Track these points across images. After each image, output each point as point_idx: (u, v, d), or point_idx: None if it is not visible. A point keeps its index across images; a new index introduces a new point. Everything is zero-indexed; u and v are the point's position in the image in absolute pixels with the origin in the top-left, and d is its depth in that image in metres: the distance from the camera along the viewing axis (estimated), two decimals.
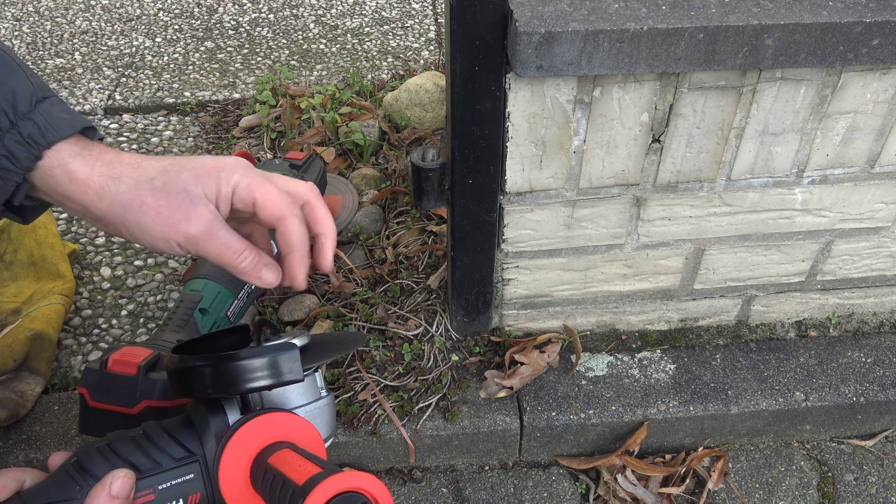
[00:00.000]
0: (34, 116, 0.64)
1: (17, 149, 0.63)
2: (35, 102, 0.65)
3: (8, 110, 0.63)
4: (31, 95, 0.65)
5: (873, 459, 1.25)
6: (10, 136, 0.63)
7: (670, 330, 1.27)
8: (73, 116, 0.66)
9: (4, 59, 0.64)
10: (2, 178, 0.63)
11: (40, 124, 0.64)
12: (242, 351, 0.59)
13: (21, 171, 0.64)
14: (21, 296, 1.25)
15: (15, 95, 0.64)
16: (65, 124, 0.65)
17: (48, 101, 0.66)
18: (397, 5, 2.34)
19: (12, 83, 0.64)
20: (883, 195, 1.09)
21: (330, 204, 1.40)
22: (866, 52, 0.86)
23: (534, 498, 1.18)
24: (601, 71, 0.85)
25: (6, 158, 0.63)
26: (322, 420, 0.63)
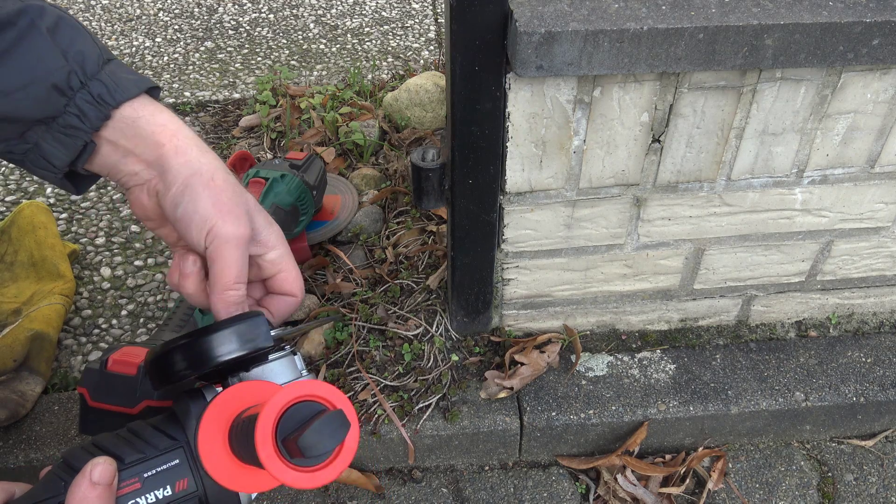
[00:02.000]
0: (102, 77, 0.66)
1: (88, 108, 0.66)
2: (102, 64, 0.67)
3: (78, 71, 0.65)
4: (99, 57, 0.67)
5: (873, 459, 1.25)
6: (80, 96, 0.65)
7: (670, 330, 1.27)
8: (138, 77, 0.69)
9: (71, 23, 0.66)
10: (70, 136, 0.66)
11: (108, 84, 0.66)
12: (211, 325, 0.60)
13: (89, 130, 0.66)
14: (21, 296, 1.25)
15: (84, 56, 0.66)
16: (131, 84, 0.68)
17: (113, 63, 0.68)
18: (397, 5, 2.34)
19: (80, 45, 0.66)
20: (883, 195, 1.09)
21: (330, 204, 1.40)
22: (866, 52, 0.86)
23: (534, 498, 1.18)
24: (601, 71, 0.85)
25: (76, 117, 0.65)
26: None
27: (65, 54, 0.65)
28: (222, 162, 0.71)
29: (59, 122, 0.66)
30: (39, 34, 0.64)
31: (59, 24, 0.66)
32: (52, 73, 0.64)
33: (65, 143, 0.67)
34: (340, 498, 1.17)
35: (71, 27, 0.67)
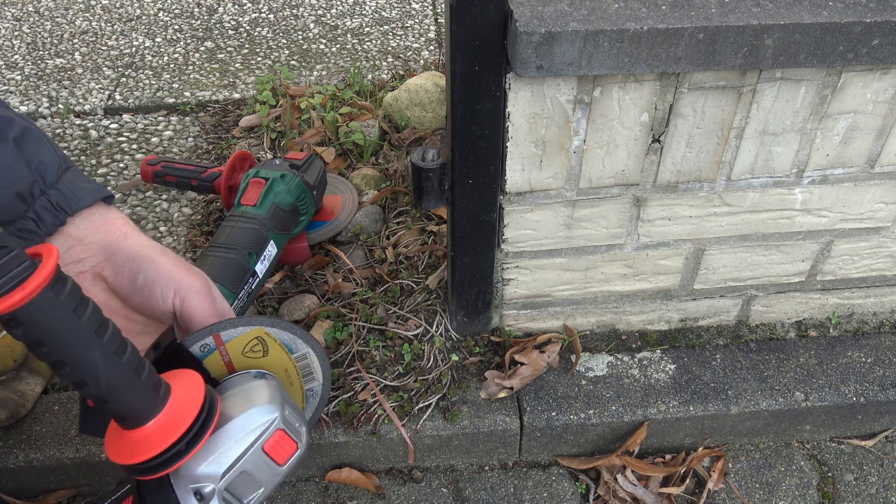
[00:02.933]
0: (60, 186, 0.71)
1: (46, 214, 0.70)
2: (61, 172, 0.72)
3: (39, 180, 0.70)
4: (58, 167, 0.72)
5: (873, 459, 1.25)
6: (40, 203, 0.70)
7: (670, 330, 1.27)
8: (93, 186, 0.74)
9: (36, 133, 0.72)
10: (24, 238, 0.70)
11: (66, 193, 0.71)
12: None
13: (44, 234, 0.71)
14: None
15: (45, 166, 0.71)
16: (86, 193, 0.73)
17: (70, 171, 0.74)
18: (397, 5, 2.34)
19: (42, 155, 0.71)
20: (883, 195, 1.09)
21: (330, 204, 1.40)
22: (866, 52, 0.86)
23: (534, 498, 1.18)
24: (601, 71, 0.85)
25: (34, 222, 0.70)
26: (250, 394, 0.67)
27: (29, 164, 0.69)
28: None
29: (16, 226, 0.70)
30: (6, 144, 0.69)
31: (24, 135, 0.70)
32: (17, 181, 0.68)
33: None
34: (340, 498, 1.17)
35: (35, 138, 0.71)
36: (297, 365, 0.77)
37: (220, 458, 0.63)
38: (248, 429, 0.64)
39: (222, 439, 0.63)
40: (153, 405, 0.60)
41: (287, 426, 0.65)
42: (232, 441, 0.63)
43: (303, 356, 0.76)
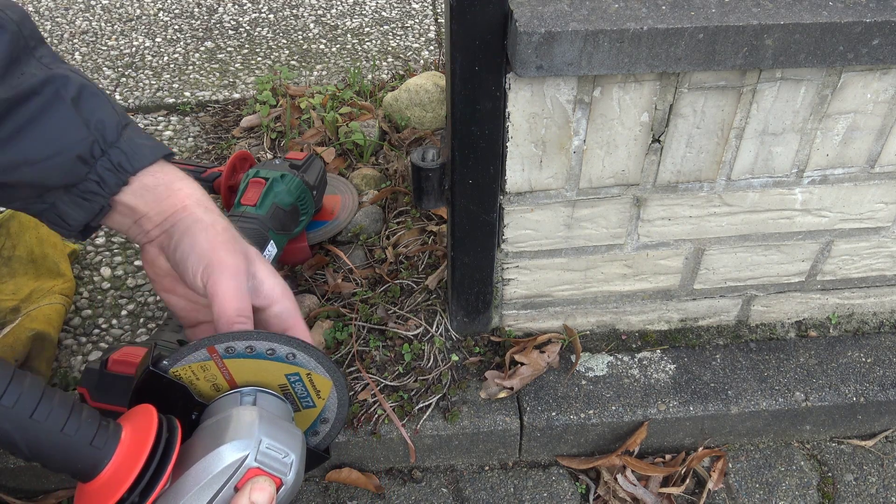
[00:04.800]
0: (121, 144, 0.69)
1: (108, 175, 0.69)
2: (120, 130, 0.70)
3: (99, 140, 0.68)
4: (118, 124, 0.70)
5: (873, 459, 1.25)
6: (101, 164, 0.68)
7: (670, 330, 1.27)
8: (154, 144, 0.72)
9: (93, 90, 0.69)
10: (89, 199, 0.69)
11: (127, 152, 0.69)
12: None
13: (107, 195, 0.70)
14: (20, 293, 1.25)
15: (104, 125, 0.69)
16: (147, 151, 0.71)
17: (130, 128, 0.71)
18: (397, 5, 2.34)
19: (100, 113, 0.69)
20: (883, 195, 1.09)
21: (330, 204, 1.40)
22: (866, 52, 0.86)
23: (534, 498, 1.18)
24: (601, 71, 0.85)
25: (96, 183, 0.68)
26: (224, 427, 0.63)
27: (87, 124, 0.67)
28: (226, 219, 0.74)
29: (79, 188, 0.69)
30: (64, 104, 0.66)
31: (81, 94, 0.68)
32: (76, 143, 0.67)
33: (82, 206, 0.70)
34: (340, 498, 1.17)
35: (92, 95, 0.69)
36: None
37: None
38: (214, 471, 0.58)
39: (188, 484, 0.58)
40: (97, 457, 0.56)
41: (265, 462, 0.60)
42: (198, 486, 0.58)
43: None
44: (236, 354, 0.67)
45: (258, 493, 0.58)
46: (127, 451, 0.57)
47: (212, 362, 0.67)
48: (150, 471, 0.57)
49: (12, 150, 0.64)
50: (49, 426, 0.55)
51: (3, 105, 0.63)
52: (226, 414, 0.64)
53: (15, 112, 0.64)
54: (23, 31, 0.66)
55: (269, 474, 0.60)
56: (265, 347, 0.67)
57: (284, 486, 0.61)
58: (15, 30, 0.65)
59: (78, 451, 0.56)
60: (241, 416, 0.63)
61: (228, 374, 0.68)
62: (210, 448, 0.59)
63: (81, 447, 0.56)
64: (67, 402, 0.57)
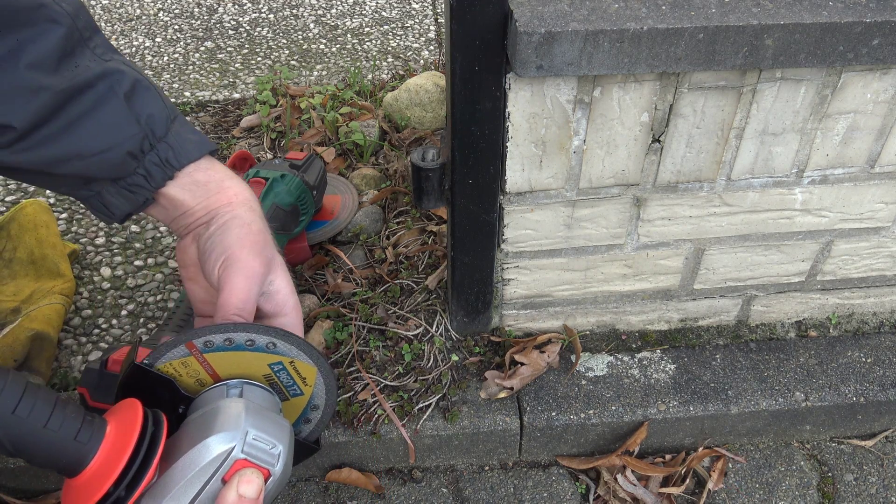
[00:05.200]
0: (169, 139, 0.70)
1: (155, 169, 0.70)
2: (168, 124, 0.71)
3: (149, 134, 0.69)
4: (167, 118, 0.71)
5: (873, 459, 1.25)
6: (149, 158, 0.70)
7: (670, 330, 1.27)
8: (199, 138, 0.73)
9: (145, 84, 0.70)
10: (134, 192, 0.70)
11: (174, 147, 0.70)
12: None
13: (153, 188, 0.71)
14: (20, 294, 1.25)
15: (154, 120, 0.70)
16: (193, 147, 0.72)
17: (177, 122, 0.72)
18: (397, 5, 2.34)
19: (151, 107, 0.70)
20: (883, 195, 1.09)
21: (330, 204, 1.40)
22: (866, 52, 0.86)
23: (534, 498, 1.18)
24: (601, 71, 0.85)
25: (144, 178, 0.70)
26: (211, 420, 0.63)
27: (138, 119, 0.68)
28: (265, 221, 0.75)
29: (126, 181, 0.70)
30: (117, 99, 0.67)
31: (135, 88, 0.69)
32: (128, 140, 0.67)
33: (127, 198, 0.71)
34: (340, 498, 1.17)
35: (145, 89, 0.70)
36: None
37: (179, 497, 0.57)
38: (201, 463, 0.58)
39: (175, 477, 0.58)
40: (82, 452, 0.56)
41: (252, 454, 0.59)
42: (185, 479, 0.57)
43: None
44: (216, 348, 0.67)
45: (246, 485, 0.58)
46: (112, 446, 0.57)
47: (192, 358, 0.67)
48: (135, 464, 0.56)
49: (64, 143, 0.65)
50: (32, 422, 0.55)
51: (58, 97, 0.63)
52: (212, 406, 0.63)
53: (69, 105, 0.65)
54: (77, 24, 0.67)
55: (257, 465, 0.60)
56: (244, 339, 0.67)
57: (272, 477, 0.61)
58: (70, 23, 0.65)
59: (62, 447, 0.56)
60: (227, 408, 0.62)
61: (210, 368, 0.68)
62: (196, 441, 0.59)
63: (65, 442, 0.56)
64: (50, 398, 0.57)
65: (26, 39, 0.62)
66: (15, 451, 0.55)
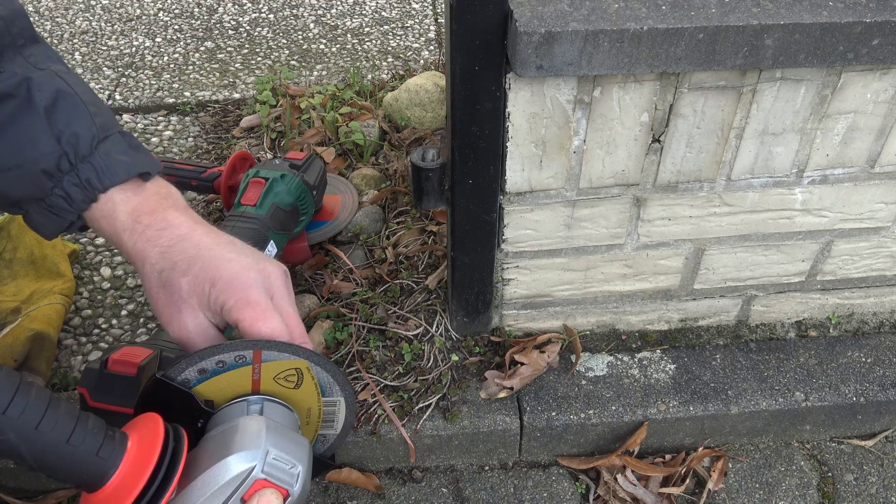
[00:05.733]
0: (93, 159, 0.65)
1: (74, 191, 0.65)
2: (96, 144, 0.66)
3: (70, 153, 0.64)
4: (94, 137, 0.66)
5: (873, 459, 1.25)
6: (68, 179, 0.65)
7: (670, 330, 1.27)
8: (132, 158, 0.68)
9: (73, 100, 0.65)
10: (57, 215, 0.66)
11: (98, 168, 0.66)
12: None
13: (76, 212, 0.67)
14: (20, 294, 1.25)
15: (78, 138, 0.65)
16: (121, 168, 0.67)
17: (109, 141, 0.67)
18: (397, 5, 2.34)
19: (76, 125, 0.65)
20: (883, 195, 1.09)
21: (330, 204, 1.40)
22: (866, 52, 0.86)
23: (534, 498, 1.18)
24: (601, 71, 0.85)
25: (63, 199, 0.65)
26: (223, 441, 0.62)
27: (59, 137, 0.64)
28: (171, 253, 0.68)
29: (47, 202, 0.66)
30: (36, 113, 0.63)
31: (57, 102, 0.64)
32: (43, 157, 0.63)
33: (51, 220, 0.67)
34: (340, 498, 1.17)
35: (70, 104, 0.65)
36: (323, 409, 0.72)
37: None
38: (221, 482, 0.57)
39: (193, 495, 0.57)
40: (103, 468, 0.56)
41: (271, 474, 0.59)
42: (203, 497, 0.57)
43: (332, 403, 0.72)
44: (242, 364, 0.67)
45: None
46: (133, 462, 0.57)
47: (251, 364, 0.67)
48: (156, 481, 0.56)
49: None
50: (55, 437, 0.54)
51: None
52: (232, 423, 0.63)
53: None
54: (10, 28, 0.63)
55: (276, 486, 0.59)
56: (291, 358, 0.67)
57: (291, 497, 0.60)
58: (0, 26, 0.62)
59: (84, 462, 0.55)
60: (247, 426, 0.61)
61: (259, 377, 0.68)
62: (216, 458, 0.58)
63: (87, 458, 0.55)
64: (73, 413, 0.56)
65: None
66: (37, 465, 0.54)
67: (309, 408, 0.71)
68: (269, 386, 0.68)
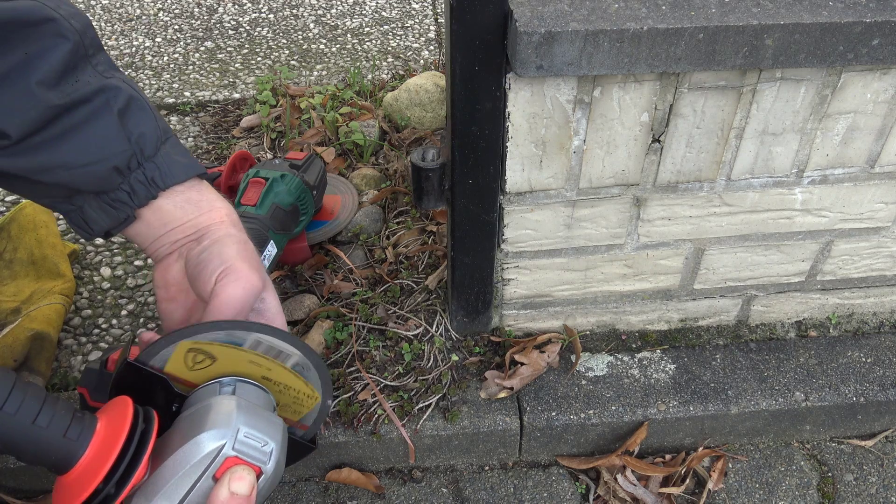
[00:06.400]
0: (157, 159, 0.72)
1: (139, 187, 0.71)
2: (159, 145, 0.72)
3: (138, 153, 0.70)
4: (158, 138, 0.72)
5: (873, 459, 1.25)
6: (135, 176, 0.70)
7: (670, 330, 1.27)
8: (189, 161, 0.74)
9: (140, 103, 0.71)
10: (116, 208, 0.71)
11: (161, 167, 0.72)
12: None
13: (135, 206, 0.72)
14: (20, 295, 1.25)
15: (145, 139, 0.71)
16: (180, 169, 0.73)
17: (168, 143, 0.74)
18: (397, 5, 2.34)
19: (143, 126, 0.71)
20: (883, 195, 1.09)
21: (330, 204, 1.40)
22: (866, 52, 0.86)
23: (534, 498, 1.18)
24: (601, 71, 0.85)
25: (127, 194, 0.70)
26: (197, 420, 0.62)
27: (129, 137, 0.69)
28: (252, 243, 0.76)
29: (110, 196, 0.71)
30: (111, 115, 0.68)
31: (129, 106, 0.70)
32: (116, 155, 0.68)
33: (108, 213, 0.72)
34: (340, 498, 1.17)
35: (139, 108, 0.71)
36: (302, 377, 0.73)
37: (170, 495, 0.57)
38: (192, 461, 0.57)
39: (165, 475, 0.57)
40: (72, 449, 0.56)
41: (243, 451, 0.59)
42: (176, 476, 0.57)
43: (299, 365, 0.72)
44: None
45: (237, 482, 0.58)
46: (102, 442, 0.57)
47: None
48: (125, 461, 0.56)
49: (53, 152, 0.66)
50: (20, 418, 0.54)
51: (55, 110, 0.65)
52: (204, 404, 0.63)
53: (63, 117, 0.66)
54: (84, 41, 0.68)
55: (248, 463, 0.59)
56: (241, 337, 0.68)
57: (264, 475, 0.60)
58: (77, 39, 0.67)
59: (51, 443, 0.56)
60: (218, 405, 0.62)
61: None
62: (187, 438, 0.59)
63: (55, 439, 0.56)
64: (39, 395, 0.57)
65: (34, 54, 0.64)
66: (3, 447, 0.55)
67: (290, 388, 0.72)
68: (241, 367, 0.69)
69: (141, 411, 0.61)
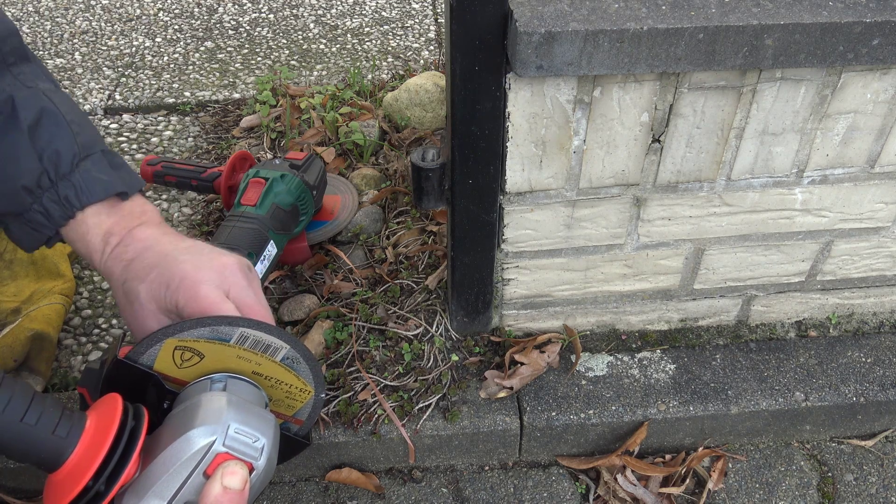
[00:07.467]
0: (73, 177, 0.68)
1: (53, 208, 0.67)
2: (77, 162, 0.68)
3: (50, 170, 0.66)
4: (75, 156, 0.68)
5: (873, 459, 1.25)
6: (47, 196, 0.67)
7: (670, 330, 1.27)
8: (111, 177, 0.70)
9: (55, 119, 0.67)
10: (35, 230, 0.68)
11: (77, 186, 0.68)
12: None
13: (53, 227, 0.69)
14: (21, 295, 1.25)
15: (59, 156, 0.67)
16: (99, 187, 0.69)
17: (90, 160, 0.69)
18: (397, 5, 2.34)
19: (58, 143, 0.67)
20: (883, 195, 1.09)
21: (330, 204, 1.40)
22: (866, 52, 0.86)
23: (534, 498, 1.18)
24: (601, 71, 0.85)
25: (42, 215, 0.67)
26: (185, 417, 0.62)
27: (40, 156, 0.65)
28: (134, 265, 0.70)
29: (26, 217, 0.68)
30: (19, 131, 0.64)
31: (40, 120, 0.66)
32: (24, 174, 0.65)
33: (30, 234, 0.69)
34: (340, 498, 1.17)
35: (53, 122, 0.67)
36: (292, 371, 0.72)
37: (161, 492, 0.57)
38: (182, 457, 0.57)
39: (156, 471, 0.57)
40: (61, 446, 0.56)
41: (233, 447, 0.59)
42: (167, 473, 0.57)
43: (289, 358, 0.72)
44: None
45: (230, 477, 0.57)
46: (91, 440, 0.57)
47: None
48: (114, 458, 0.56)
49: None
50: (7, 416, 0.54)
51: None
52: (194, 400, 0.63)
53: None
54: (1, 47, 0.65)
55: (240, 459, 0.59)
56: (229, 332, 0.67)
57: (256, 471, 0.60)
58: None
59: (39, 441, 0.55)
60: (209, 401, 0.62)
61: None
62: (178, 434, 0.58)
63: (43, 436, 0.55)
64: (28, 392, 0.57)
65: None
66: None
67: (281, 382, 0.72)
68: (230, 363, 0.69)
69: (131, 408, 0.61)
